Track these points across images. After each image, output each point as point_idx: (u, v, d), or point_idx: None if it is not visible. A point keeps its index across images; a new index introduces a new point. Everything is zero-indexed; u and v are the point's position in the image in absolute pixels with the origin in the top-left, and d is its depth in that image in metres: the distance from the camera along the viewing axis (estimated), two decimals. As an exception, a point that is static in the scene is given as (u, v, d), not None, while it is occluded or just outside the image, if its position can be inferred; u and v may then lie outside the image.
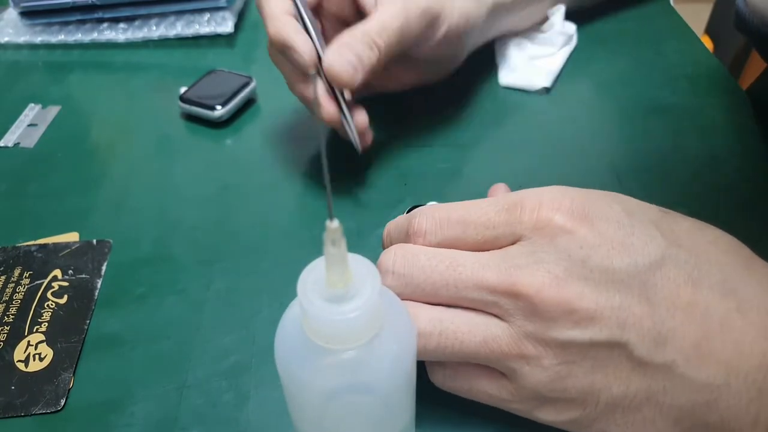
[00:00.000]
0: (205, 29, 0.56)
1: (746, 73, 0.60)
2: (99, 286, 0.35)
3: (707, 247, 0.25)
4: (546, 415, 0.25)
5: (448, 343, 0.25)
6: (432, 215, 0.26)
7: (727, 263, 0.24)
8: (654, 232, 0.24)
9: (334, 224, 0.19)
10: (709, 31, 0.76)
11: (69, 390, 0.30)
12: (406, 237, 0.27)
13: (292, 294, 0.20)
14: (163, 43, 0.56)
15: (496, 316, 0.25)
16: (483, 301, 0.24)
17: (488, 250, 0.25)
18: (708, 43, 0.73)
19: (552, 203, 0.24)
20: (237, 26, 0.57)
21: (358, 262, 0.20)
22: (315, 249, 0.20)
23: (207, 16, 0.57)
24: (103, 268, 0.36)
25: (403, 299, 0.25)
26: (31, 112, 0.49)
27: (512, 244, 0.25)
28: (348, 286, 0.20)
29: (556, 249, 0.24)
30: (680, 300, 0.23)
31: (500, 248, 0.25)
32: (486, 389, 0.26)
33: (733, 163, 0.40)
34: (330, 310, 0.19)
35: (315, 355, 0.21)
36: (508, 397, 0.26)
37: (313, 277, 0.20)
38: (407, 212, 0.31)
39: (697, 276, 0.24)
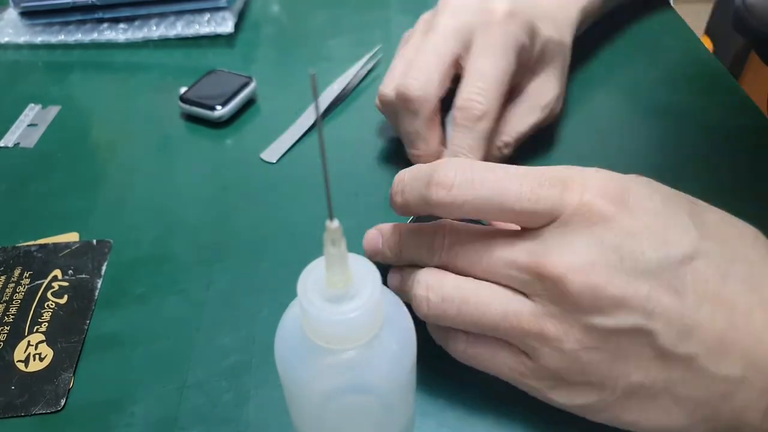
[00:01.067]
0: (205, 29, 0.56)
1: (746, 73, 0.60)
2: (99, 286, 0.35)
3: (735, 241, 0.25)
4: (559, 397, 0.26)
5: (468, 310, 0.25)
6: (464, 170, 0.25)
7: (753, 257, 0.24)
8: (688, 223, 0.24)
9: (334, 224, 0.19)
10: (709, 31, 0.76)
11: (69, 390, 0.30)
12: (426, 186, 0.26)
13: (292, 294, 0.20)
14: (163, 43, 0.56)
15: (523, 293, 0.25)
16: (512, 277, 0.25)
17: (517, 222, 0.25)
18: (708, 43, 0.74)
19: (597, 188, 0.24)
20: (237, 26, 0.57)
21: (358, 262, 0.20)
22: (315, 249, 0.20)
23: (207, 16, 0.57)
24: (103, 268, 0.36)
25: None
26: (31, 112, 0.49)
27: (546, 222, 0.25)
28: (348, 286, 0.20)
29: (592, 234, 0.24)
30: (708, 293, 0.23)
31: (535, 223, 0.25)
32: (505, 361, 0.26)
33: (732, 164, 0.40)
34: (330, 310, 0.19)
35: (315, 355, 0.21)
36: (525, 371, 0.26)
37: (313, 277, 0.20)
38: (410, 222, 0.31)
39: (725, 270, 0.24)
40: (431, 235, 0.27)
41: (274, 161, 0.43)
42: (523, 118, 0.39)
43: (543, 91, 0.40)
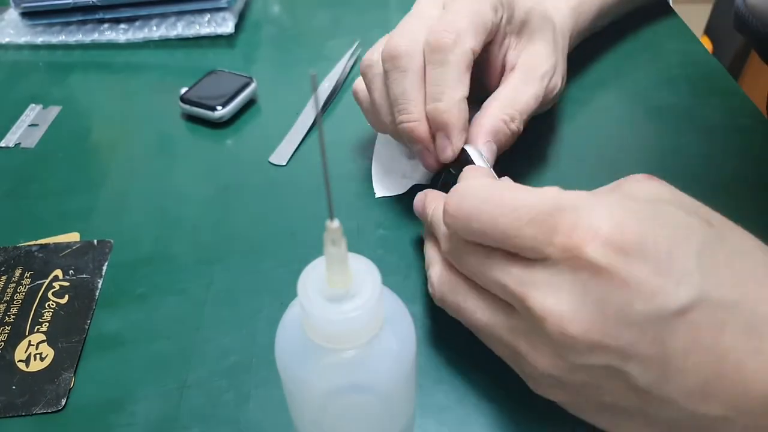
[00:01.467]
0: (206, 30, 0.56)
1: (745, 73, 0.60)
2: (100, 286, 0.35)
3: (746, 278, 0.23)
4: (540, 390, 0.26)
5: (460, 313, 0.28)
6: (461, 203, 0.26)
7: (764, 295, 0.23)
8: (692, 269, 0.22)
9: (334, 224, 0.19)
10: (709, 31, 0.76)
11: (70, 390, 0.30)
12: (444, 214, 0.27)
13: (292, 294, 0.20)
14: (164, 43, 0.56)
15: (510, 305, 0.26)
16: (500, 293, 0.26)
17: (516, 252, 0.25)
18: (707, 43, 0.73)
19: (588, 230, 0.23)
20: (237, 27, 0.57)
21: (358, 262, 0.20)
22: (315, 249, 0.20)
23: (207, 16, 0.57)
24: (104, 268, 0.36)
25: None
26: (32, 112, 0.49)
27: (541, 257, 0.24)
28: (348, 285, 0.20)
29: (578, 282, 0.23)
30: (700, 344, 0.22)
31: (530, 255, 0.24)
32: (499, 349, 0.27)
33: (732, 164, 0.40)
34: (330, 309, 0.19)
35: (315, 355, 0.21)
36: (509, 363, 0.27)
37: (313, 276, 0.20)
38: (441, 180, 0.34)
39: (725, 317, 0.22)
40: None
41: (284, 164, 0.43)
42: (521, 89, 0.37)
43: (537, 62, 0.38)
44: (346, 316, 0.19)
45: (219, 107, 0.45)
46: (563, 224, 0.23)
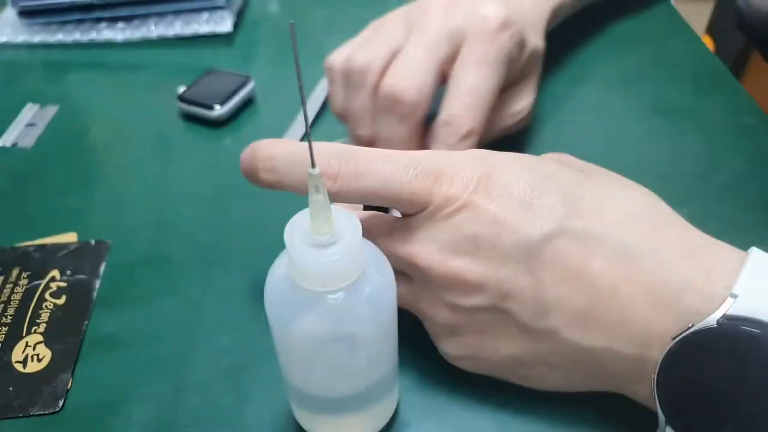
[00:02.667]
0: (204, 29, 0.56)
1: (747, 72, 0.60)
2: (97, 286, 0.35)
3: (613, 214, 0.25)
4: (454, 363, 0.28)
5: None
6: (348, 160, 0.26)
7: (631, 228, 0.25)
8: (556, 203, 0.25)
9: (315, 170, 0.20)
10: (711, 30, 0.76)
11: (67, 391, 0.30)
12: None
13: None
14: (162, 42, 0.56)
15: (406, 274, 0.28)
16: (393, 262, 0.26)
17: (400, 209, 0.27)
18: (709, 42, 0.73)
19: (462, 179, 0.26)
20: (236, 25, 0.57)
21: (339, 213, 0.22)
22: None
23: (206, 15, 0.56)
24: (102, 268, 0.36)
25: None
26: (29, 111, 0.49)
27: (422, 209, 0.26)
28: (332, 232, 0.21)
29: (453, 225, 0.26)
30: (568, 272, 0.24)
31: (411, 210, 0.27)
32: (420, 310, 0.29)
33: (735, 163, 0.40)
34: (316, 253, 0.21)
35: (302, 299, 0.22)
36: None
37: (298, 227, 0.22)
38: None
39: (591, 246, 0.24)
40: None
41: None
42: (493, 123, 0.37)
43: (517, 100, 0.38)
44: (330, 259, 0.21)
45: (217, 106, 0.45)
46: (443, 177, 0.26)
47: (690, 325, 0.22)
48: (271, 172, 0.28)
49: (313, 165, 0.20)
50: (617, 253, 0.24)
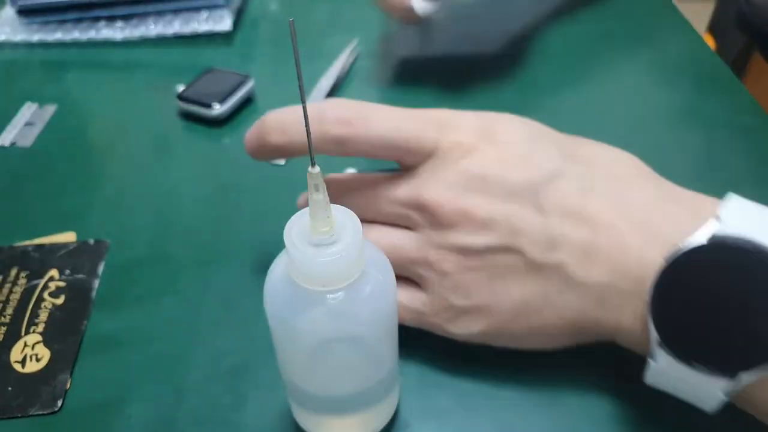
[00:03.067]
0: (204, 27, 0.55)
1: (749, 71, 0.60)
2: (96, 286, 0.35)
3: (606, 165, 0.27)
4: (457, 329, 0.28)
5: None
6: (359, 109, 0.28)
7: (623, 178, 0.27)
8: (553, 151, 0.27)
9: (315, 169, 0.20)
10: (712, 30, 0.76)
11: (66, 391, 0.30)
12: (321, 123, 0.28)
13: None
14: (161, 41, 0.56)
15: (409, 228, 0.28)
16: (397, 214, 0.28)
17: (407, 159, 0.28)
18: (710, 42, 0.73)
19: (467, 126, 0.28)
20: (235, 24, 0.57)
21: (339, 211, 0.22)
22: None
23: (205, 14, 0.56)
24: (101, 268, 0.36)
25: None
26: (27, 111, 0.49)
27: (427, 158, 0.28)
28: (332, 231, 0.21)
29: (461, 166, 0.27)
30: (571, 209, 0.26)
31: (417, 161, 0.28)
32: (402, 300, 0.29)
33: (735, 162, 0.40)
34: (316, 252, 0.21)
35: (301, 299, 0.22)
36: (422, 308, 0.28)
37: (297, 226, 0.22)
38: None
39: (589, 187, 0.26)
40: None
41: (283, 163, 0.42)
42: None
43: None
44: (330, 259, 0.21)
45: (216, 104, 0.45)
46: (448, 125, 0.28)
47: (680, 247, 0.23)
48: (282, 133, 0.29)
49: (312, 164, 0.20)
50: (611, 197, 0.26)
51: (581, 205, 0.26)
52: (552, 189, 0.26)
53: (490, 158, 0.27)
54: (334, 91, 0.48)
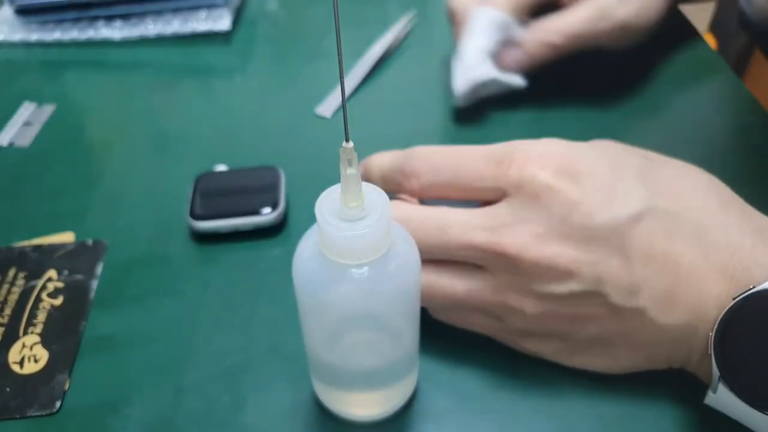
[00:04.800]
0: (203, 27, 0.55)
1: (750, 71, 0.60)
2: (94, 287, 0.35)
3: (687, 195, 0.26)
4: (530, 346, 0.28)
5: (436, 294, 0.28)
6: (429, 159, 0.28)
7: (704, 208, 0.26)
8: (637, 185, 0.26)
9: (349, 144, 0.20)
10: (713, 29, 0.76)
11: (64, 392, 0.30)
12: (401, 175, 0.29)
13: (290, 295, 0.20)
14: (160, 41, 0.55)
15: (482, 267, 0.27)
16: (471, 258, 0.27)
17: (477, 198, 0.28)
18: (711, 41, 0.73)
19: (539, 160, 0.26)
20: (234, 23, 0.57)
21: (369, 189, 0.22)
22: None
23: (204, 13, 0.56)
24: (99, 268, 0.36)
25: None
26: (26, 110, 0.48)
27: (500, 196, 0.27)
28: (362, 205, 0.22)
29: (539, 207, 0.25)
30: (655, 251, 0.25)
31: (488, 200, 0.27)
32: (479, 322, 0.29)
33: (736, 162, 0.40)
34: (346, 226, 0.21)
35: (330, 270, 0.23)
36: (497, 330, 0.28)
37: (328, 201, 0.22)
38: None
39: (673, 227, 0.25)
40: None
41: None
42: (572, 12, 0.40)
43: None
44: (360, 232, 0.21)
45: (267, 209, 0.36)
46: (516, 161, 0.26)
47: (752, 287, 0.23)
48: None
49: (347, 139, 0.20)
50: (694, 232, 0.25)
51: (665, 249, 0.25)
52: (637, 232, 0.25)
53: (571, 197, 0.25)
54: (383, 59, 0.49)
